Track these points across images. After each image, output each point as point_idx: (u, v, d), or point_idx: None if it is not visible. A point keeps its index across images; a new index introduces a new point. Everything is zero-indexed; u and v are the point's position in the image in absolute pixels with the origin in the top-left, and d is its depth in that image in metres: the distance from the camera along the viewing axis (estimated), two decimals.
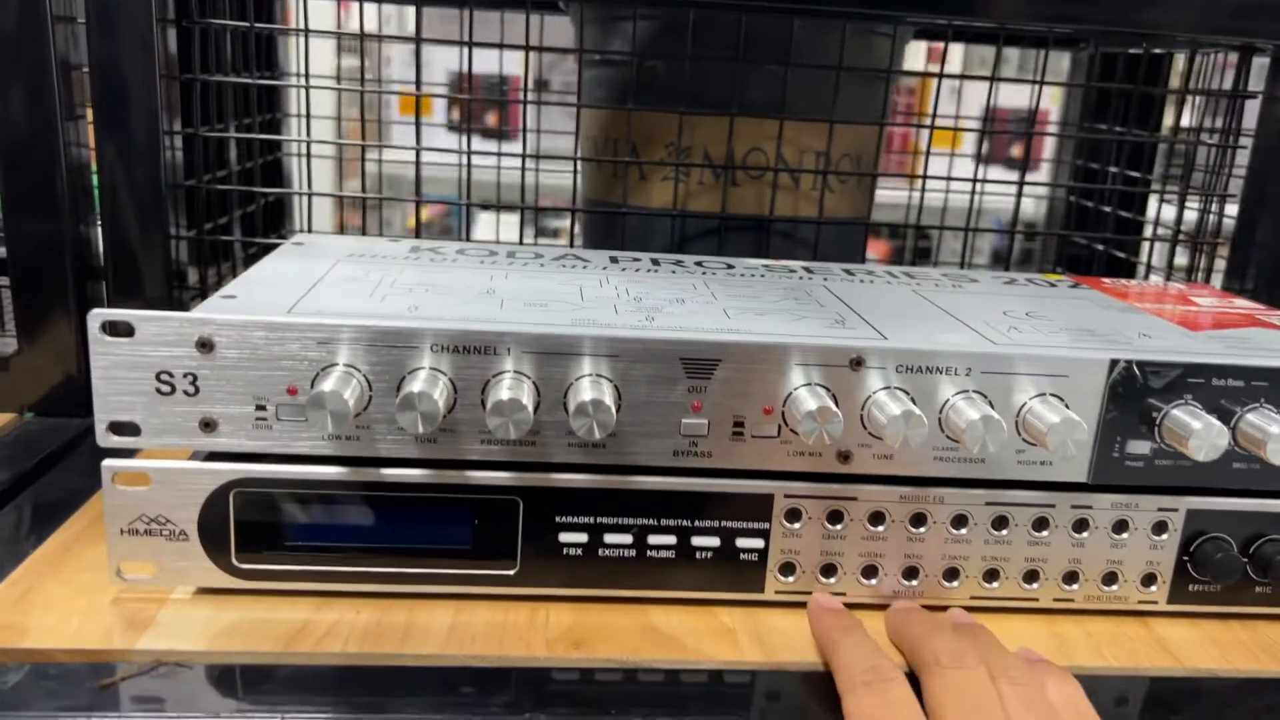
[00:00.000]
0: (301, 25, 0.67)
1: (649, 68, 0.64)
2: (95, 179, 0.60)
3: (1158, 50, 0.76)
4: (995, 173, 0.73)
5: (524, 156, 0.64)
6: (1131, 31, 0.64)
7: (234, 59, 0.70)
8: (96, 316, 0.39)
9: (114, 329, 0.39)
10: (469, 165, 0.63)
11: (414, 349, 0.40)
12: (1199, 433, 0.41)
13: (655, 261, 0.57)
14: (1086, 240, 0.81)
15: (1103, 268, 0.80)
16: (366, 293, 0.45)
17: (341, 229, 1.24)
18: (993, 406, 0.41)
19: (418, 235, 0.70)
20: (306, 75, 0.68)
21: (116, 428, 0.40)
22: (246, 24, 0.60)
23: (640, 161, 0.65)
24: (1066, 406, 0.42)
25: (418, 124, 0.62)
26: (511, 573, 0.43)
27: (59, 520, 0.48)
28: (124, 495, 0.40)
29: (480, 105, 1.35)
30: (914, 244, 1.16)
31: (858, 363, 0.41)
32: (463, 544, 0.42)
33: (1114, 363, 0.42)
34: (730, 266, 0.57)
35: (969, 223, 0.67)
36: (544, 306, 0.45)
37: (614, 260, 0.56)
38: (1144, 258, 0.82)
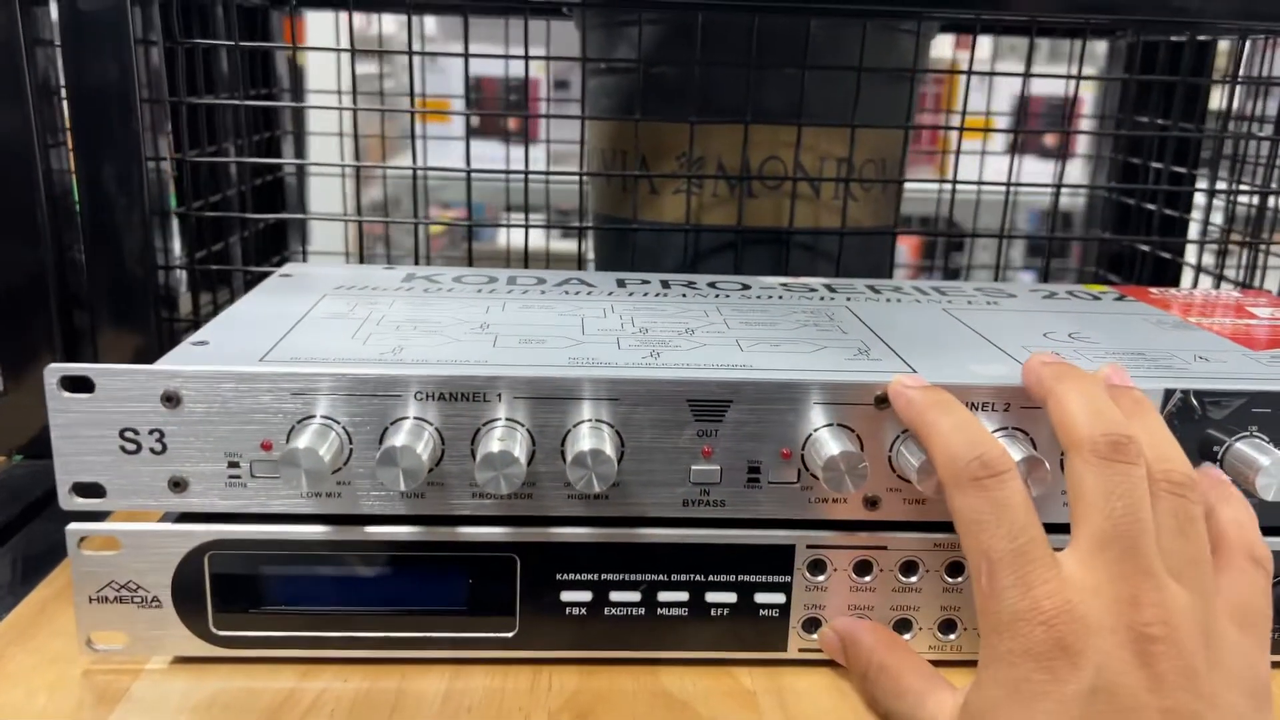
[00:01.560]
0: (295, 43, 0.64)
1: (657, 75, 0.60)
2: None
3: (1202, 37, 0.71)
4: (1028, 163, 0.69)
5: (527, 174, 0.60)
6: (1176, 20, 0.59)
7: (230, 78, 0.67)
8: (53, 372, 0.36)
9: (73, 384, 0.36)
10: (469, 182, 0.60)
11: (397, 397, 0.37)
12: (1267, 469, 0.37)
13: (665, 284, 0.53)
14: (1130, 242, 0.76)
15: (1148, 268, 0.76)
16: (349, 333, 0.42)
17: (361, 245, 1.21)
18: (1034, 445, 0.37)
19: (429, 251, 0.67)
20: (292, 91, 0.65)
21: (81, 489, 0.37)
22: (233, 42, 0.57)
23: (650, 175, 0.61)
24: None
25: (414, 144, 0.59)
26: (510, 634, 0.39)
27: (38, 576, 0.45)
28: (92, 560, 0.37)
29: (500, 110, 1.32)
30: (945, 243, 1.12)
31: (883, 400, 0.37)
32: (457, 605, 0.39)
33: (1169, 393, 0.38)
34: (746, 287, 0.53)
35: (1003, 227, 0.62)
36: (541, 344, 0.41)
37: (621, 284, 0.53)
38: (1189, 257, 0.77)
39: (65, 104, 0.55)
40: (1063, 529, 0.39)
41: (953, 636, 0.40)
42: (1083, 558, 0.31)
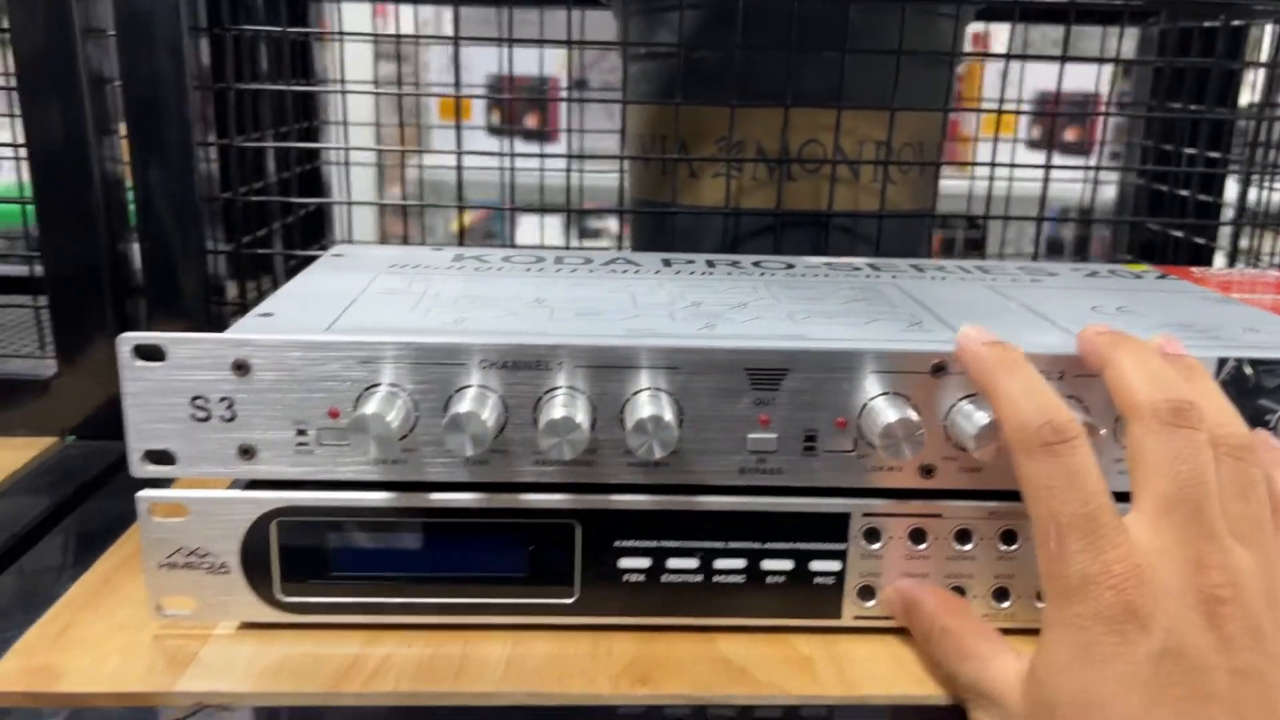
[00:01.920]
0: (338, 30, 0.65)
1: (697, 60, 0.61)
2: (130, 194, 0.58)
3: (1236, 22, 0.72)
4: (1050, 157, 0.69)
5: (569, 157, 0.61)
6: (1215, 2, 0.60)
7: (270, 67, 0.68)
8: (126, 340, 0.37)
9: (145, 353, 0.37)
10: (512, 169, 0.61)
11: (461, 365, 0.37)
12: None
13: (710, 263, 0.54)
14: (1161, 226, 0.77)
15: (1182, 254, 0.76)
16: (409, 306, 0.42)
17: (384, 237, 1.22)
18: (1088, 412, 0.38)
19: (461, 242, 0.67)
20: (343, 80, 0.66)
21: (152, 456, 0.38)
22: (280, 29, 0.58)
23: (690, 158, 0.62)
24: None
25: (458, 128, 0.60)
26: (570, 601, 0.40)
27: (99, 550, 0.46)
28: (161, 527, 0.38)
29: (520, 107, 1.33)
30: (965, 236, 1.13)
31: (939, 369, 0.38)
32: (518, 571, 0.40)
33: (1222, 361, 0.39)
34: (790, 266, 0.53)
35: (1041, 211, 0.63)
36: (596, 316, 0.42)
37: (667, 263, 0.53)
38: (1221, 242, 0.77)
39: (118, 93, 0.56)
40: (1121, 496, 0.39)
41: (1006, 604, 0.40)
42: (1148, 522, 0.32)
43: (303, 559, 0.39)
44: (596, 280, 0.49)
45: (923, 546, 0.40)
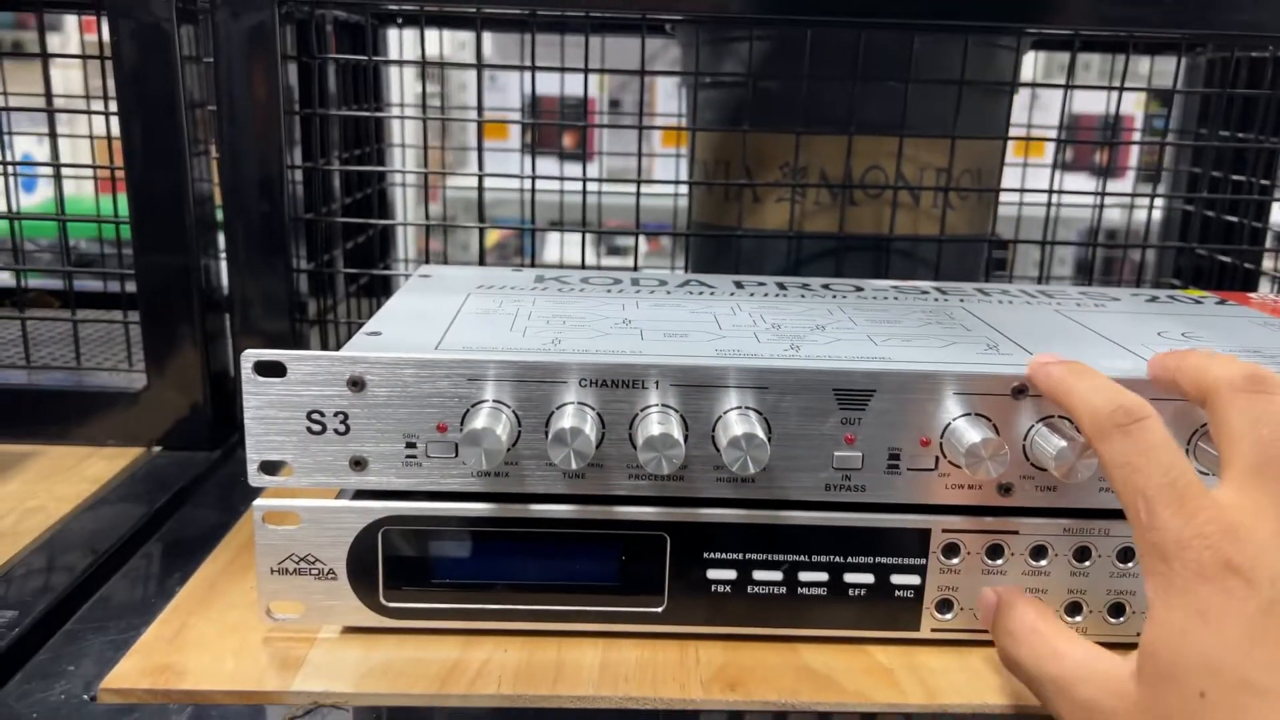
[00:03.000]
0: (402, 56, 0.68)
1: (763, 88, 0.63)
2: (219, 213, 0.61)
3: None
4: (1076, 181, 0.70)
5: (639, 182, 0.63)
6: (1265, 36, 0.61)
7: (341, 93, 0.71)
8: (249, 357, 0.39)
9: (266, 369, 0.39)
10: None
11: (561, 383, 0.39)
12: None
13: (781, 285, 0.56)
14: (1208, 251, 0.78)
15: (1230, 281, 0.77)
16: (506, 326, 0.44)
17: (427, 255, 1.25)
18: None
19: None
20: (421, 106, 0.68)
21: (268, 467, 0.40)
22: (365, 58, 0.61)
23: (756, 184, 0.64)
24: None
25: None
26: (659, 610, 0.42)
27: (199, 557, 0.48)
28: (275, 534, 0.40)
29: (555, 131, 1.36)
30: (989, 257, 1.13)
31: (1020, 391, 0.39)
32: (610, 581, 0.41)
33: None
34: (859, 289, 0.55)
35: (1094, 236, 0.64)
36: (685, 337, 0.44)
37: (739, 285, 0.55)
38: (1266, 267, 0.78)
39: (212, 114, 0.59)
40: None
41: (1079, 618, 0.42)
42: (1238, 486, 0.33)
43: (406, 566, 0.41)
44: (676, 302, 0.51)
45: (999, 562, 0.41)
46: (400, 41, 0.83)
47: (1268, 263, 0.78)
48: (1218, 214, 0.79)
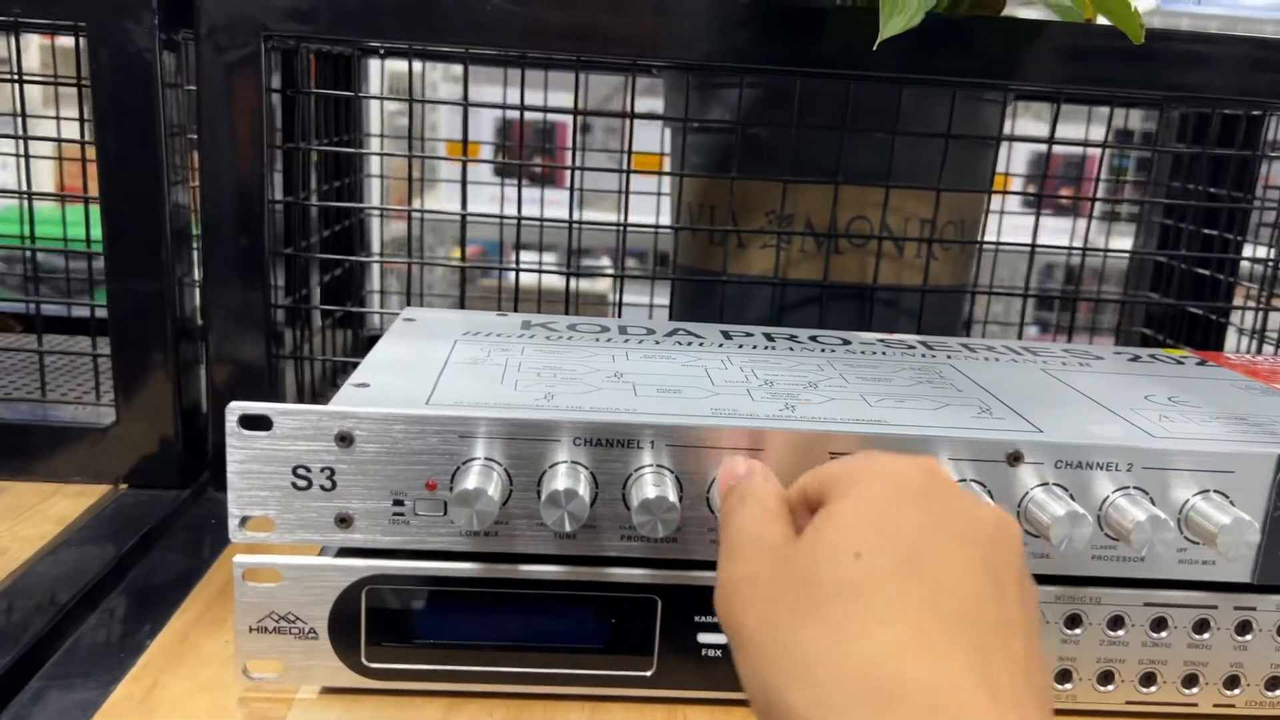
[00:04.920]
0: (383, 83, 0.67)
1: (751, 134, 0.63)
2: (195, 241, 0.59)
3: (1255, 112, 0.74)
4: (1042, 220, 0.70)
5: (623, 226, 0.63)
6: (1248, 100, 0.62)
7: (321, 126, 0.70)
8: (234, 410, 0.38)
9: (252, 423, 0.38)
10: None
11: (555, 442, 0.38)
12: None
13: (769, 337, 0.55)
14: (1205, 310, 0.79)
15: (1197, 332, 0.78)
16: (496, 379, 0.44)
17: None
18: (1153, 503, 0.40)
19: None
20: (404, 137, 0.67)
21: (249, 522, 0.39)
22: (350, 93, 0.60)
23: (742, 230, 0.64)
24: (1231, 504, 0.40)
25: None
26: (648, 673, 0.41)
27: (171, 606, 0.47)
28: (255, 592, 0.39)
29: (527, 151, 1.35)
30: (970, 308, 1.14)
31: (1015, 458, 0.39)
32: (598, 642, 0.41)
33: None
34: (846, 342, 0.55)
35: (1077, 286, 0.65)
36: (678, 393, 0.43)
37: (727, 336, 0.55)
38: (1233, 320, 0.80)
39: (191, 141, 0.57)
40: (1181, 585, 0.41)
41: (1069, 686, 0.42)
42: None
43: (389, 625, 0.40)
44: (666, 353, 0.50)
45: None
46: (382, 72, 0.82)
47: (1235, 317, 0.79)
48: (1189, 267, 0.80)
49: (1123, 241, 0.93)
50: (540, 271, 0.63)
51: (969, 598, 0.28)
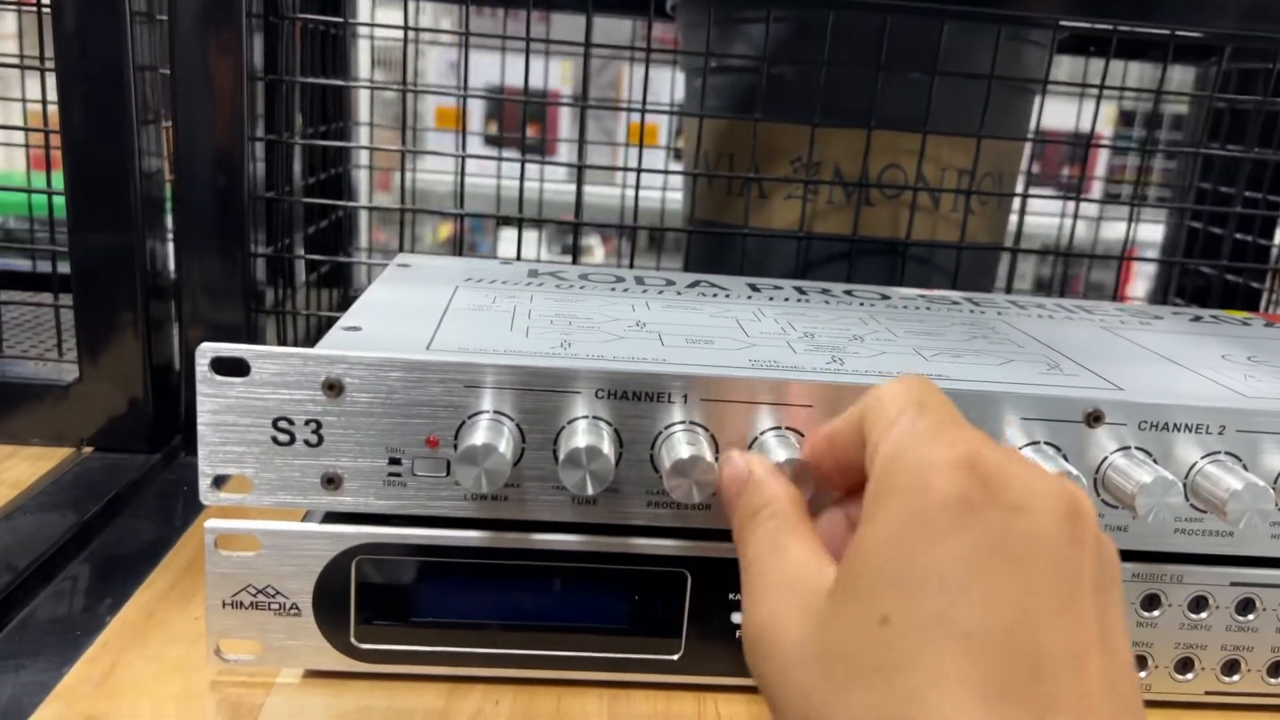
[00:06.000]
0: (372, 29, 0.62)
1: (775, 75, 0.58)
2: (169, 190, 0.54)
3: None
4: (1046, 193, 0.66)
5: (640, 171, 0.58)
6: None
7: (308, 62, 0.64)
8: (206, 352, 0.33)
9: (226, 367, 0.33)
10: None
11: (575, 394, 0.34)
12: None
13: (800, 290, 0.51)
14: (1215, 270, 0.75)
15: (1236, 300, 0.74)
16: (505, 325, 0.39)
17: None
18: (1247, 471, 0.35)
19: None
20: (399, 81, 0.62)
21: (223, 482, 0.34)
22: (340, 19, 0.54)
23: (766, 178, 0.59)
24: None
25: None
26: (675, 657, 0.36)
27: (136, 579, 0.42)
28: (228, 562, 0.34)
29: (519, 119, 1.30)
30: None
31: (1095, 418, 0.35)
32: (619, 623, 0.36)
33: None
34: (885, 296, 0.50)
35: (1124, 248, 0.60)
36: (710, 344, 0.38)
37: (755, 289, 0.50)
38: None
39: (164, 80, 0.52)
40: (1273, 562, 0.37)
41: (1142, 674, 0.37)
42: None
43: (383, 601, 0.35)
44: (690, 304, 0.45)
45: None
46: (373, 18, 0.77)
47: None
48: (1228, 232, 0.76)
49: (1153, 212, 0.88)
50: (542, 221, 0.58)
51: (1022, 630, 0.22)
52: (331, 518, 0.35)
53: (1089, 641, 0.23)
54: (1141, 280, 1.19)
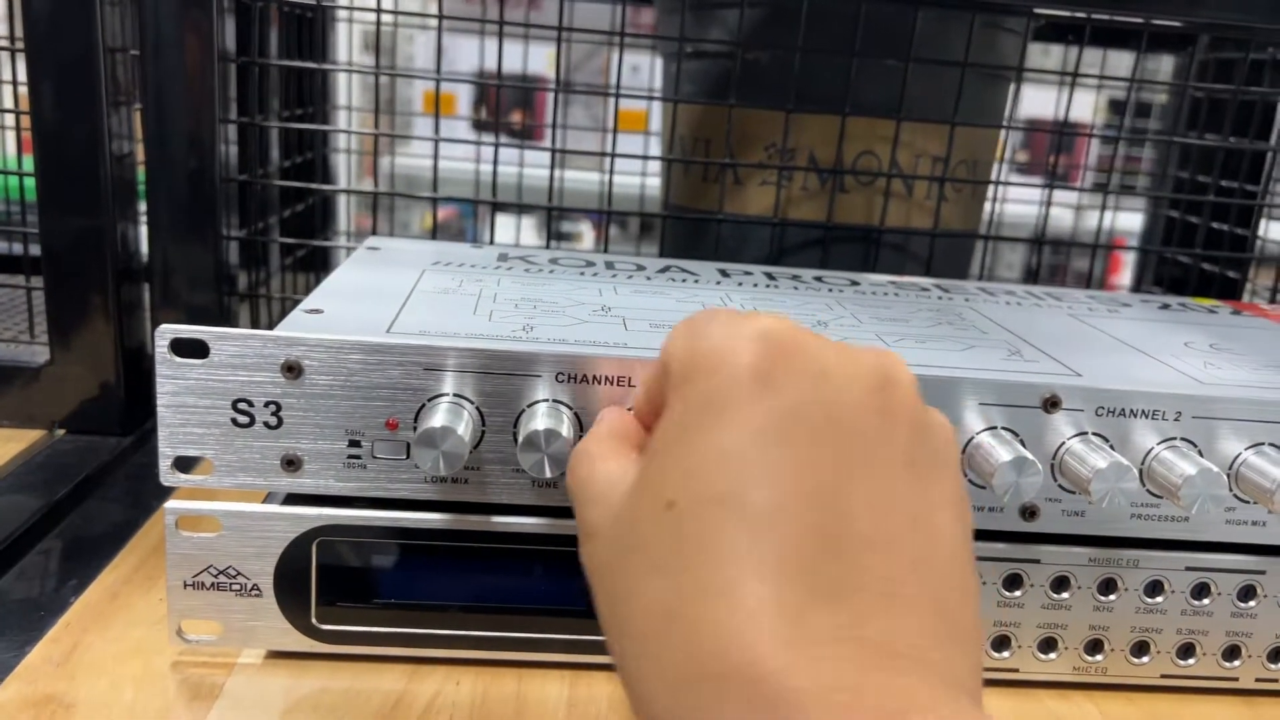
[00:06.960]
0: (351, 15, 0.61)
1: (751, 60, 0.58)
2: (141, 172, 0.54)
3: None
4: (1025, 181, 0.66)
5: (614, 155, 0.58)
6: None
7: (284, 46, 0.64)
8: (165, 333, 0.33)
9: (186, 349, 0.33)
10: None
11: (535, 377, 0.34)
12: None
13: (770, 276, 0.51)
14: (1192, 259, 0.75)
15: (1213, 290, 0.74)
16: (468, 309, 0.39)
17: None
18: (1202, 456, 0.35)
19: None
20: (373, 65, 0.62)
21: (184, 464, 0.34)
22: (314, 1, 0.54)
23: (741, 164, 0.59)
24: None
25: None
26: None
27: (102, 561, 0.42)
28: (189, 543, 0.34)
29: (504, 105, 1.29)
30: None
31: (1052, 404, 0.35)
32: (580, 605, 0.36)
33: None
34: (855, 283, 0.51)
35: (1097, 237, 0.60)
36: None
37: (725, 274, 0.50)
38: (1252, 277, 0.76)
39: (135, 61, 0.52)
40: (1227, 548, 0.37)
41: (1099, 658, 0.38)
42: None
43: (344, 582, 0.35)
44: (658, 289, 0.45)
45: (1017, 594, 0.37)
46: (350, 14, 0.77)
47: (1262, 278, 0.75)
48: (1204, 221, 0.76)
49: (1134, 201, 0.88)
50: (515, 207, 0.58)
51: (819, 507, 0.21)
52: (292, 499, 0.35)
53: (901, 522, 0.22)
54: (1129, 270, 1.20)
